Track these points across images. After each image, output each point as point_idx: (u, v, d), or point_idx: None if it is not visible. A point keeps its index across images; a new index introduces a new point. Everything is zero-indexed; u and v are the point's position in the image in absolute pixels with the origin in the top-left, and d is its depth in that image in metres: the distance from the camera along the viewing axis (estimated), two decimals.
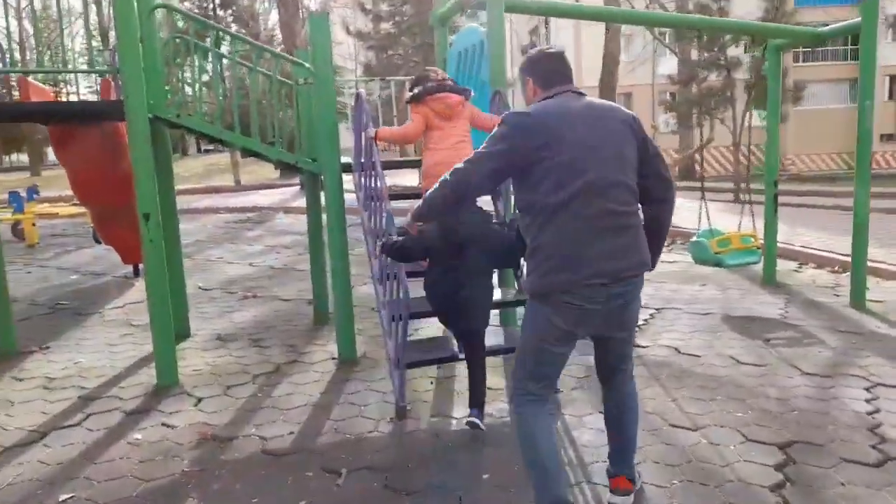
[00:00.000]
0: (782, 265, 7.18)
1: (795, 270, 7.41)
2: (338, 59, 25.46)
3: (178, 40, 4.74)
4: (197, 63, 4.81)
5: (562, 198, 2.19)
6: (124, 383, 4.23)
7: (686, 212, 11.83)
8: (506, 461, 2.99)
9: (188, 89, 5.09)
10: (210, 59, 4.75)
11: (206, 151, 44.59)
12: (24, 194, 10.11)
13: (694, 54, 17.75)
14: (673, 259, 8.25)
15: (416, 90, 3.91)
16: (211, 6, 20.99)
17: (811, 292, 6.29)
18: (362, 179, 4.21)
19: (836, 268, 7.34)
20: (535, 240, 2.27)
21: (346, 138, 4.39)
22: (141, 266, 7.38)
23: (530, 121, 2.25)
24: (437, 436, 3.32)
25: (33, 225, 10.01)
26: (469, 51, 5.05)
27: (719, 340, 4.81)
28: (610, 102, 2.48)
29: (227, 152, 26.57)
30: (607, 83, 14.33)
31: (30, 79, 5.12)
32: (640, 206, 2.37)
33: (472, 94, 4.04)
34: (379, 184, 3.65)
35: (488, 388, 3.84)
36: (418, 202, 2.68)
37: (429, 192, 2.51)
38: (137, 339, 5.20)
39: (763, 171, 6.91)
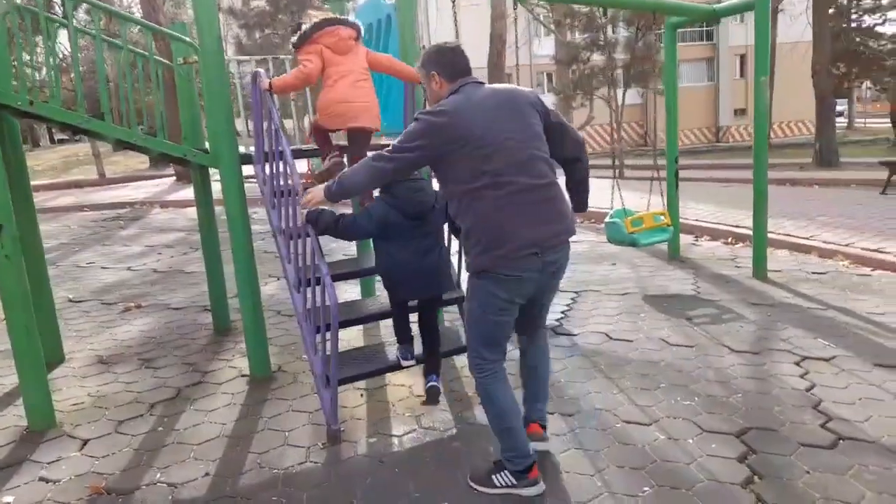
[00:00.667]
0: (681, 239, 7.38)
1: (693, 244, 7.66)
2: None
3: (19, 15, 3.93)
4: (49, 41, 4.03)
5: (484, 182, 2.37)
6: None
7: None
8: (463, 483, 2.68)
9: (35, 71, 4.26)
10: (69, 34, 3.97)
11: (62, 141, 40.42)
12: None
13: (569, 36, 18.17)
14: (578, 239, 8.27)
15: (301, 31, 3.67)
16: None
17: (714, 265, 6.47)
18: (268, 171, 3.69)
19: (730, 239, 7.66)
20: (465, 222, 2.46)
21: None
22: None
23: (445, 119, 2.40)
24: (381, 461, 2.95)
25: None
26: (374, 26, 4.62)
27: (645, 322, 4.77)
28: (509, 85, 2.64)
29: (87, 142, 24.19)
30: (496, 64, 14.27)
31: None
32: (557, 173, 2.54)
33: (363, 31, 3.83)
34: (292, 179, 3.17)
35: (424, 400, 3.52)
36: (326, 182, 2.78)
37: (344, 177, 2.66)
38: None
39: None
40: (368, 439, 3.15)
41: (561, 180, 2.58)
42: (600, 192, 11.58)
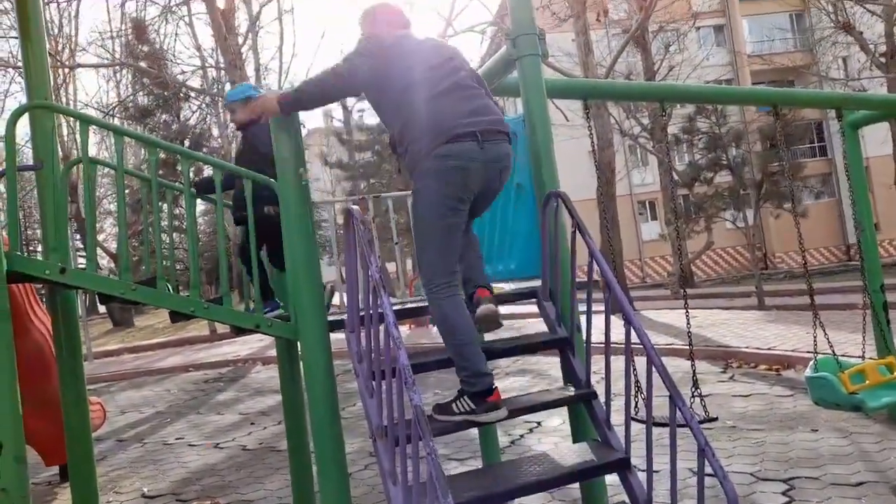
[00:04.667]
0: None
1: None
2: (316, 194, 24.76)
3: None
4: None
5: (417, 87, 2.57)
6: None
7: (722, 327, 10.43)
8: None
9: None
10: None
11: None
12: None
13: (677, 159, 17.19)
14: (744, 391, 6.61)
15: None
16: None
17: None
18: (363, 342, 2.65)
19: None
20: (397, 124, 2.63)
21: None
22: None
23: (385, 43, 2.64)
24: None
25: None
26: None
27: None
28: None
29: None
30: (607, 193, 13.36)
31: None
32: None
33: None
34: (400, 355, 2.08)
35: None
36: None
37: (302, 86, 2.72)
38: None
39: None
40: None
41: None
42: (745, 326, 9.80)
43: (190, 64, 20.91)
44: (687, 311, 4.52)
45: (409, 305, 3.46)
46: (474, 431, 4.20)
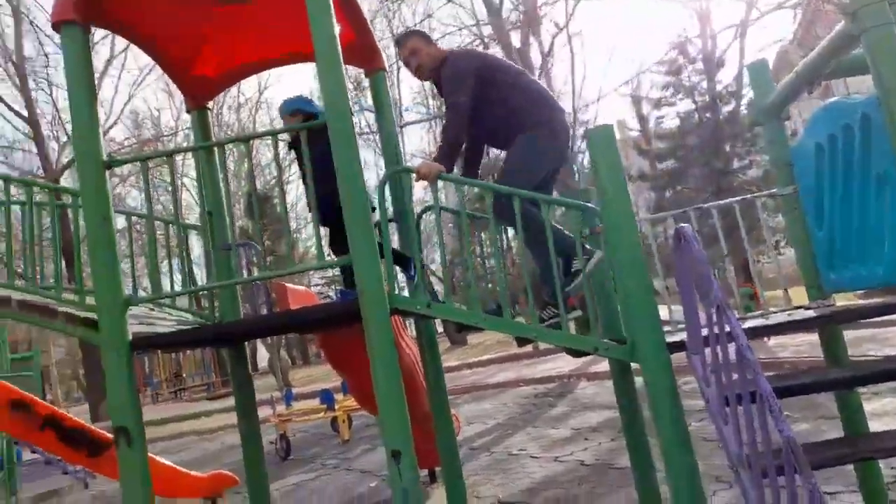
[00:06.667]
0: None
1: None
2: None
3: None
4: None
5: (521, 71, 3.73)
6: None
7: None
8: None
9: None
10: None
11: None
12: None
13: None
14: None
15: None
16: None
17: None
18: (711, 366, 2.56)
19: None
20: (518, 103, 3.50)
21: None
22: (438, 469, 6.48)
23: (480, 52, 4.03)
24: None
25: (343, 421, 10.05)
26: (839, 137, 3.28)
27: None
28: None
29: None
30: None
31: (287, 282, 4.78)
32: None
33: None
34: (759, 380, 1.96)
35: None
36: None
37: (441, 140, 3.42)
38: None
39: None
40: None
41: None
42: None
43: None
44: None
45: (749, 324, 3.21)
46: None
